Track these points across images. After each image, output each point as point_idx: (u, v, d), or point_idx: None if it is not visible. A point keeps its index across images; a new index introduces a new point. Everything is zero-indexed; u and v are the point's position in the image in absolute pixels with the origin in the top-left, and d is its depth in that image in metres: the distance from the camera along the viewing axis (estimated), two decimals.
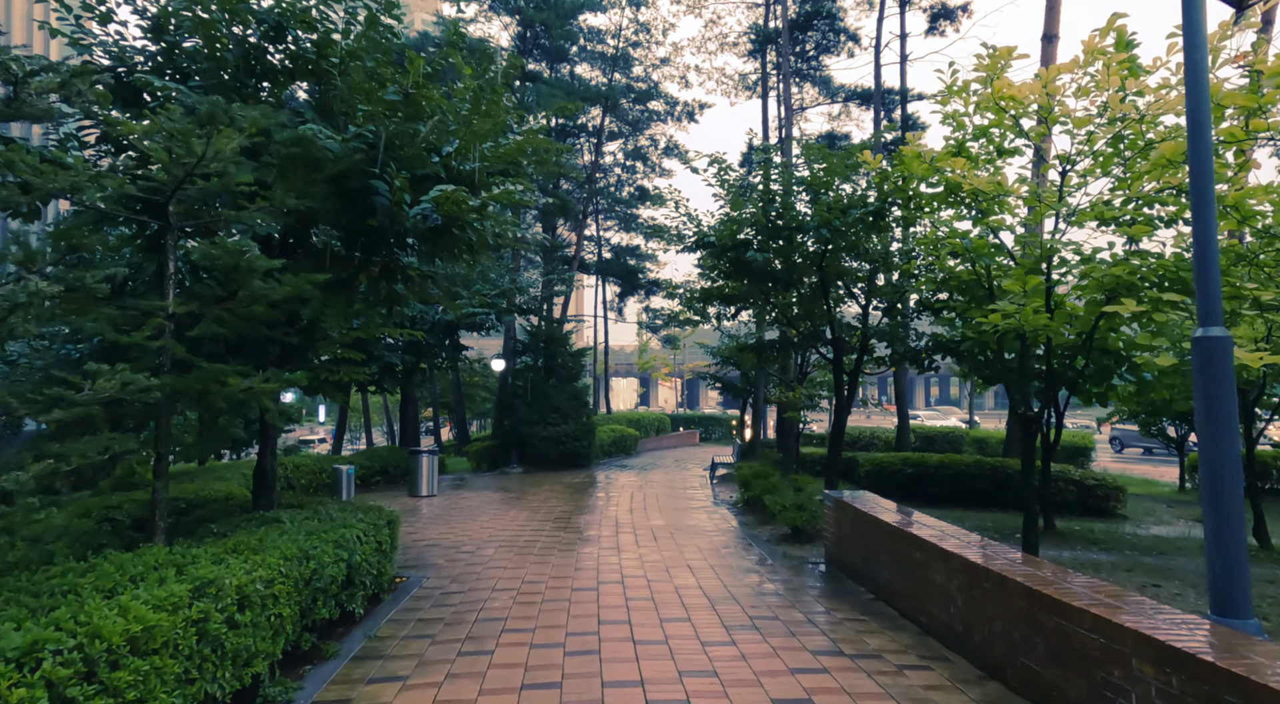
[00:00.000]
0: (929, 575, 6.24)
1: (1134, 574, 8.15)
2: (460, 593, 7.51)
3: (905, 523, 6.98)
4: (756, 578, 8.21)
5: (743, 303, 13.38)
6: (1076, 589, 4.60)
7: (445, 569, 8.58)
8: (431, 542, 10.25)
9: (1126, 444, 31.18)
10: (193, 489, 9.80)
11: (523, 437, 21.85)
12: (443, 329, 19.20)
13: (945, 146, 8.55)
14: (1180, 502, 15.75)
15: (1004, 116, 7.91)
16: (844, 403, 11.77)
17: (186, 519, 8.35)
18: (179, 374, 4.98)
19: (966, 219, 9.10)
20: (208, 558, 4.49)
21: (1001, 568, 5.22)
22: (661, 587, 7.72)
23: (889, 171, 8.66)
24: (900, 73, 22.04)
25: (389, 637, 6.05)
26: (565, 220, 32.17)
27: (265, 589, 4.48)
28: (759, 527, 11.69)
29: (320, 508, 7.44)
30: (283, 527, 6.14)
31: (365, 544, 6.77)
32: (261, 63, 7.03)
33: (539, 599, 7.22)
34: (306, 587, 5.26)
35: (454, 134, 7.16)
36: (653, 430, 36.70)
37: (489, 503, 14.46)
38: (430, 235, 6.73)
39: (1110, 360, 9.51)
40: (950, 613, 5.84)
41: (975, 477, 13.32)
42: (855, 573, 8.04)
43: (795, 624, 6.42)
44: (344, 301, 6.70)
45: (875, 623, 6.51)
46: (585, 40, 29.97)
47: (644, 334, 46.65)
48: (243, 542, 5.12)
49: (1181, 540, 10.49)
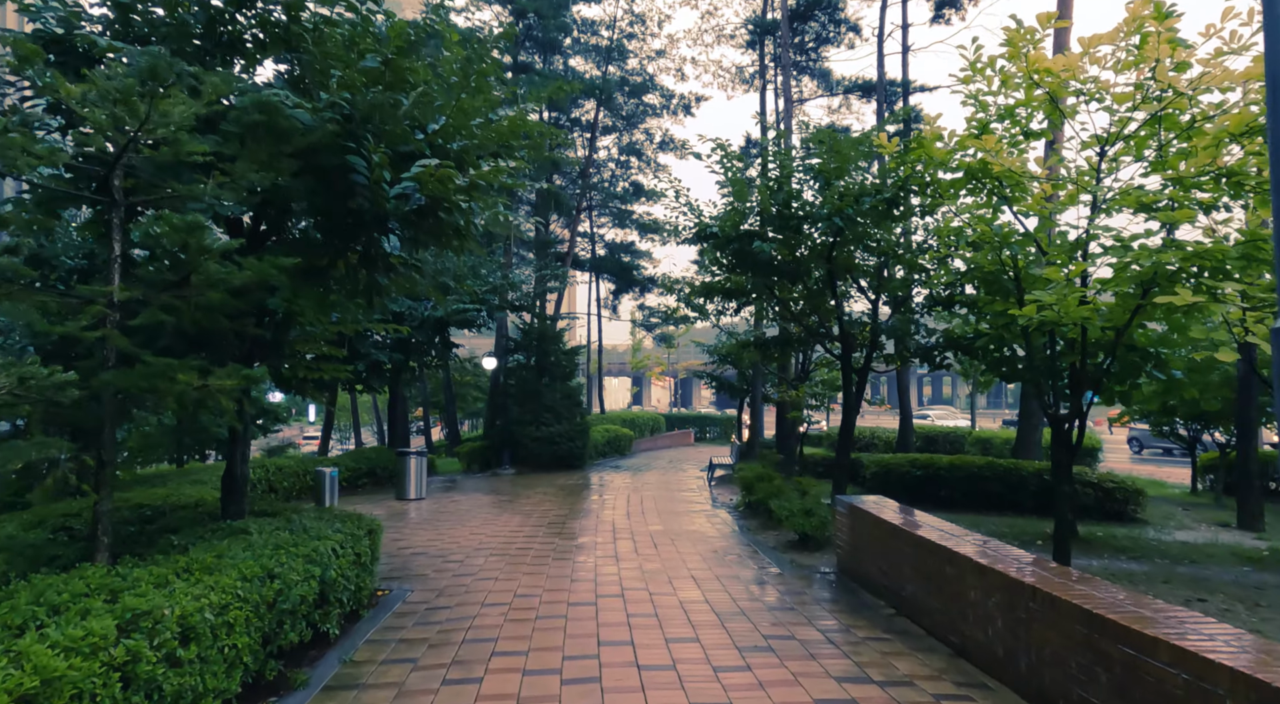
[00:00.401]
0: (961, 591, 5.68)
1: (1173, 587, 7.62)
2: (447, 608, 6.91)
3: (932, 533, 6.42)
4: (765, 590, 7.64)
5: (745, 298, 12.80)
6: (1148, 614, 4.04)
7: (432, 581, 7.98)
8: (418, 549, 9.65)
9: (1146, 445, 30.52)
10: (162, 494, 9.18)
11: (515, 437, 21.24)
12: (432, 326, 18.54)
13: (967, 130, 8.00)
14: (1195, 504, 15.27)
15: (1033, 93, 7.36)
16: (852, 402, 11.22)
17: (151, 528, 7.71)
18: (126, 369, 4.38)
19: (986, 207, 8.56)
20: (150, 581, 3.89)
21: (1053, 587, 4.65)
22: (665, 600, 7.14)
23: (907, 155, 8.10)
24: (902, 63, 21.54)
25: (366, 661, 5.45)
26: (559, 216, 31.54)
27: (217, 617, 3.88)
28: (762, 532, 11.13)
29: (294, 516, 6.85)
30: (249, 539, 5.55)
31: (342, 557, 6.17)
32: (230, 31, 6.42)
33: (532, 615, 6.64)
34: (270, 610, 4.66)
35: (440, 110, 6.55)
36: (647, 430, 36.11)
37: (480, 506, 13.86)
38: (413, 219, 6.13)
39: (1137, 356, 9.00)
40: (988, 634, 5.28)
41: (988, 479, 12.77)
42: (872, 585, 7.47)
43: (813, 644, 5.85)
44: (318, 291, 6.09)
45: (901, 643, 5.95)
46: (579, 32, 29.37)
47: (638, 332, 46.10)
48: (197, 559, 4.51)
49: (1210, 547, 9.97)
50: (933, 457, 13.79)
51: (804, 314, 12.39)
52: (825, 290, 11.18)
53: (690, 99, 31.69)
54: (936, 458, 13.61)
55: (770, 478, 12.45)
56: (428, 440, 32.29)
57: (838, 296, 11.06)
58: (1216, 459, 16.46)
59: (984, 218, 7.70)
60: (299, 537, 5.86)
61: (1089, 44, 6.31)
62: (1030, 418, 15.26)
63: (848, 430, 11.28)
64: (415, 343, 18.42)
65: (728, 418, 45.39)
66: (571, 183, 31.12)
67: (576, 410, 22.11)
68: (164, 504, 8.59)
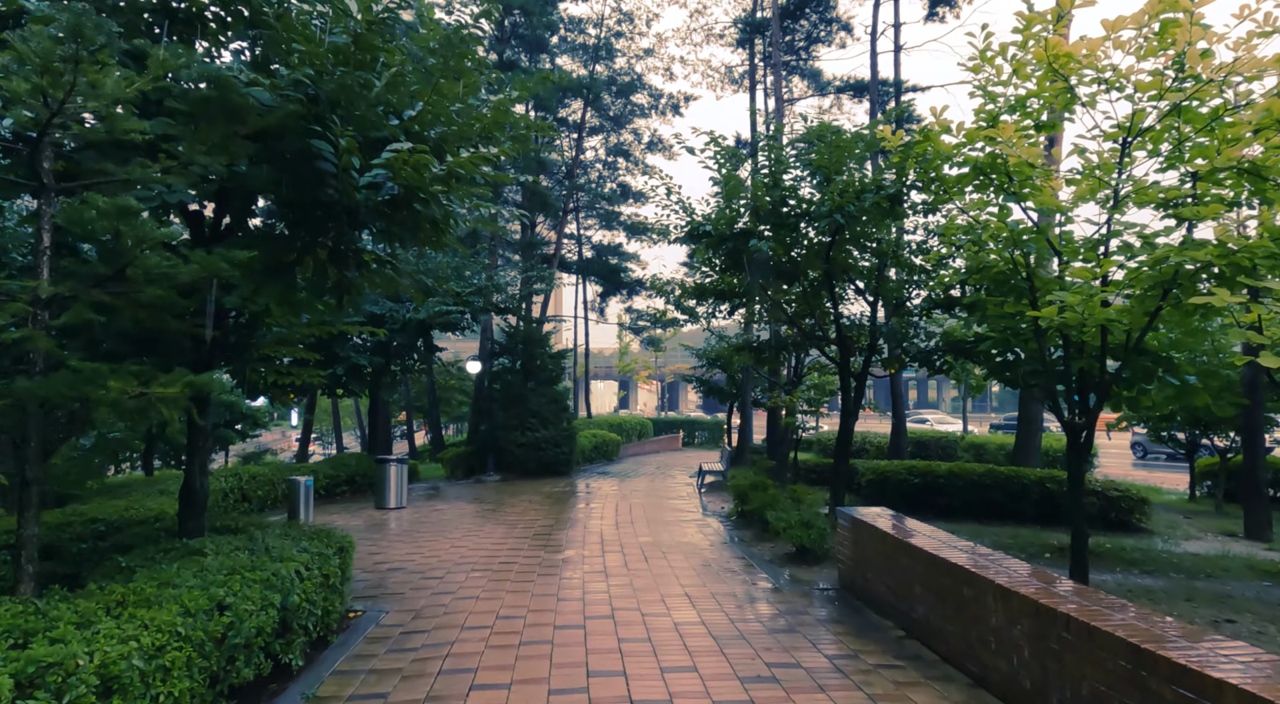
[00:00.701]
0: (981, 615, 5.24)
1: (1196, 605, 7.22)
2: (424, 632, 6.40)
3: (946, 551, 5.98)
4: (764, 609, 7.18)
5: (738, 299, 12.34)
6: (1204, 652, 3.60)
7: (409, 600, 7.46)
8: (395, 564, 9.11)
9: (1149, 450, 30.25)
10: (120, 507, 8.60)
11: (500, 442, 20.68)
12: (414, 328, 17.97)
13: (975, 122, 7.59)
14: (1196, 512, 14.95)
15: (1044, 84, 6.95)
16: (850, 407, 10.79)
17: (103, 545, 7.16)
18: (49, 376, 3.85)
19: (993, 204, 8.16)
20: (72, 620, 3.37)
21: (1089, 615, 4.22)
22: (658, 622, 6.66)
23: (912, 147, 7.67)
24: (894, 63, 21.20)
25: (331, 698, 4.93)
26: (545, 217, 31.02)
27: (149, 663, 3.36)
28: (757, 543, 10.66)
29: (258, 534, 6.31)
30: (203, 562, 5.03)
31: (308, 580, 5.65)
32: (187, 8, 5.89)
33: (516, 641, 6.14)
34: (219, 646, 4.14)
35: (417, 95, 6.06)
36: (634, 435, 35.58)
37: (463, 516, 13.31)
38: (386, 211, 5.62)
39: (1148, 361, 8.62)
40: (1013, 664, 4.83)
41: (988, 487, 12.36)
42: (878, 603, 7.03)
43: (821, 673, 5.39)
44: (282, 289, 5.57)
45: (914, 670, 5.50)
46: (566, 30, 28.88)
47: (625, 336, 45.56)
48: (136, 590, 3.99)
49: (1223, 559, 9.59)
50: (931, 464, 13.37)
51: (800, 316, 11.95)
52: (822, 291, 10.74)
53: (679, 99, 31.25)
54: (935, 465, 13.19)
55: (765, 486, 11.99)
56: (411, 446, 31.64)
57: (835, 298, 10.62)
58: (1216, 465, 16.17)
59: (997, 213, 7.26)
60: (259, 559, 5.34)
61: (1113, 26, 5.90)
62: (1030, 423, 14.89)
63: (846, 437, 10.85)
64: (396, 346, 17.86)
65: (716, 422, 44.95)
66: (558, 184, 30.59)
67: (563, 415, 21.56)
68: (120, 518, 8.03)
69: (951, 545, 6.16)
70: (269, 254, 5.59)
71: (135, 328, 4.52)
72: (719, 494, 16.97)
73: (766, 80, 24.82)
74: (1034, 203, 6.90)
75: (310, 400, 24.55)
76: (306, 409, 25.20)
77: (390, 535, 11.30)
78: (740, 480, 12.84)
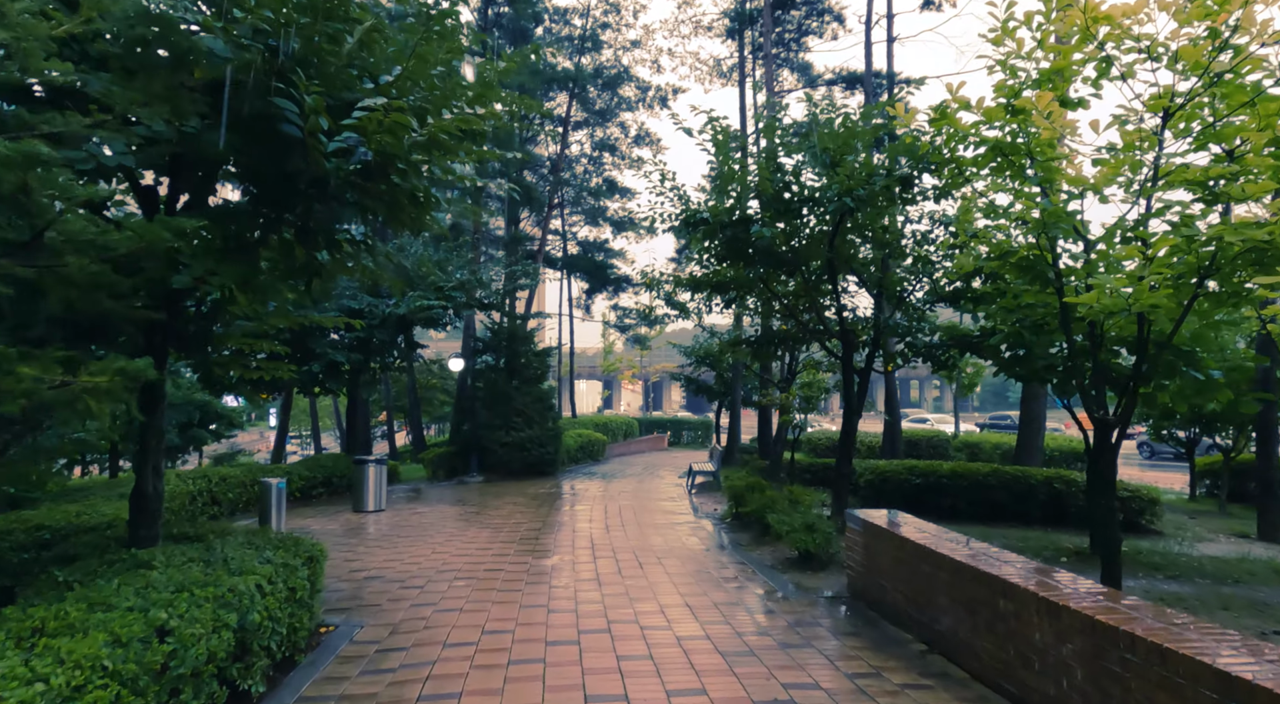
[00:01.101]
0: (1022, 631, 4.73)
1: (1235, 614, 6.77)
2: (403, 650, 5.80)
3: (978, 559, 5.47)
4: (772, 621, 6.64)
5: (736, 292, 11.80)
6: None
7: (386, 613, 6.86)
8: (372, 572, 8.50)
9: (1156, 450, 29.95)
10: (71, 513, 7.92)
11: (483, 442, 20.03)
12: (394, 324, 17.28)
13: (996, 102, 7.10)
14: (1199, 512, 14.59)
15: (1071, 53, 6.47)
16: (854, 405, 10.29)
17: (46, 555, 6.51)
18: None
19: (1007, 189, 7.68)
20: None
21: (1157, 634, 3.71)
22: (659, 636, 6.11)
23: (933, 122, 7.16)
24: (888, 54, 20.78)
25: None
26: (530, 212, 30.38)
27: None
28: (755, 547, 10.14)
29: (217, 542, 5.69)
30: (149, 577, 4.43)
31: (271, 595, 5.05)
32: None
33: (504, 659, 5.56)
34: (159, 679, 3.54)
35: (395, 58, 5.47)
36: (620, 435, 35.01)
37: (445, 519, 12.69)
38: (359, 181, 5.03)
39: (1171, 354, 8.19)
40: (1063, 688, 4.32)
41: (993, 488, 11.90)
42: (895, 614, 6.51)
43: (844, 696, 4.86)
44: (242, 270, 4.95)
45: (944, 691, 4.99)
46: (551, 21, 28.25)
47: (609, 335, 44.93)
48: (57, 615, 3.39)
49: (1246, 563, 9.17)
50: (932, 464, 12.91)
51: (799, 309, 11.43)
52: (823, 283, 10.23)
53: (667, 91, 30.68)
54: (936, 465, 12.73)
55: (762, 488, 11.48)
56: (391, 446, 30.88)
57: (837, 290, 10.12)
58: (1219, 464, 15.84)
59: (1027, 194, 6.76)
60: (214, 572, 4.74)
61: None
62: (1031, 423, 14.47)
63: (849, 436, 10.35)
64: (376, 342, 17.16)
65: (702, 421, 44.49)
66: (543, 179, 29.95)
67: (549, 414, 20.93)
68: (70, 525, 7.36)
69: (986, 553, 5.65)
70: (228, 231, 4.98)
71: (66, 310, 3.92)
72: (710, 495, 16.45)
73: (756, 73, 24.34)
74: (1065, 182, 6.40)
75: (286, 399, 23.75)
76: (282, 408, 24.37)
77: (368, 540, 10.67)
78: (735, 481, 12.31)
